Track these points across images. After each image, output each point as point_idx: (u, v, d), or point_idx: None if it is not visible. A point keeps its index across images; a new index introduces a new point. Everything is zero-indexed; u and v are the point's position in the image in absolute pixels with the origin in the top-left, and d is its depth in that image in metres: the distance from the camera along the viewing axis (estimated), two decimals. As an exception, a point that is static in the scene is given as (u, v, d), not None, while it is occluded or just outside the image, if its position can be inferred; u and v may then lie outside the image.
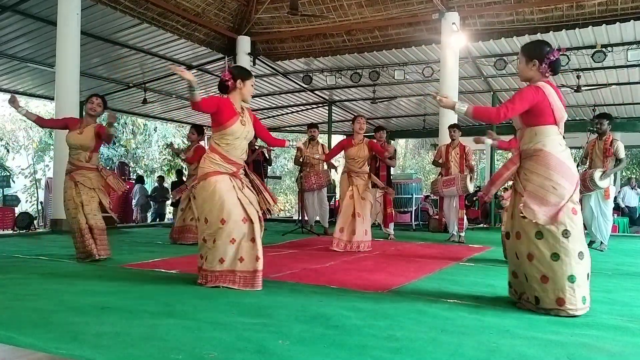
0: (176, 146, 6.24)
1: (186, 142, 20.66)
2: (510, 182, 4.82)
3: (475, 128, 15.83)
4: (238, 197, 3.74)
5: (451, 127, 7.77)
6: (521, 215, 3.06)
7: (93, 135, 5.09)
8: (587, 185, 6.57)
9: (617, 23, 9.39)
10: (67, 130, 5.13)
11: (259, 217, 3.83)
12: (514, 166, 3.23)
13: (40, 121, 5.25)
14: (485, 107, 3.05)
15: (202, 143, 7.42)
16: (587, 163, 6.94)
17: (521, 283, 3.21)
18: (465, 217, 7.89)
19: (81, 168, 5.09)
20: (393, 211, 8.35)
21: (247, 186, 3.89)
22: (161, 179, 15.93)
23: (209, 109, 3.83)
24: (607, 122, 6.73)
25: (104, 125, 5.11)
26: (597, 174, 6.48)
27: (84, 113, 5.33)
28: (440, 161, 7.79)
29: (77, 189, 5.05)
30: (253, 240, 3.72)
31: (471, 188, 7.54)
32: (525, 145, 3.20)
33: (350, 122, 6.59)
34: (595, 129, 6.81)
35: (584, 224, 7.42)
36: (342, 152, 6.48)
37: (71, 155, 5.13)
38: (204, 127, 7.93)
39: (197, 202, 3.89)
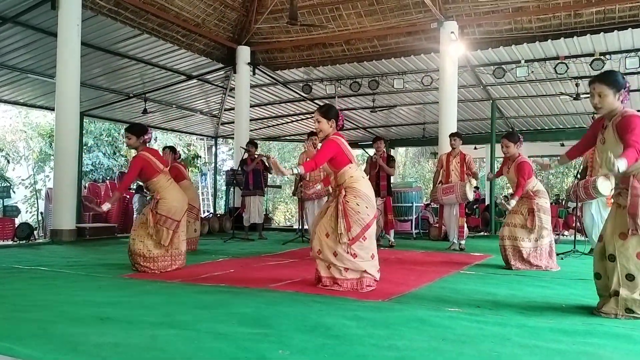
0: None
1: (185, 152, 20.76)
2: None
3: (475, 136, 15.89)
4: None
5: (452, 135, 7.78)
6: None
7: None
8: (589, 192, 6.57)
9: (615, 31, 9.44)
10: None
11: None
12: None
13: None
14: (631, 152, 3.00)
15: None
16: (589, 172, 6.94)
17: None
18: (465, 225, 7.88)
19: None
20: (393, 218, 8.38)
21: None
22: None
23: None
24: None
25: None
26: (599, 181, 6.46)
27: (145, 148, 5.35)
28: (441, 171, 7.76)
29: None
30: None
31: (471, 196, 7.53)
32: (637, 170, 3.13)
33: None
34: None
35: (583, 231, 7.41)
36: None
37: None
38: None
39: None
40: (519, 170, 5.49)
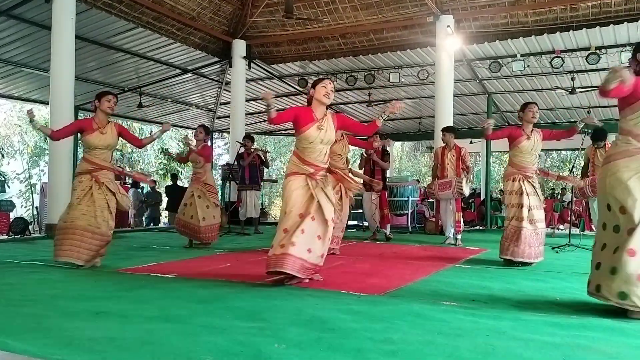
0: (173, 152, 6.37)
1: (181, 146, 20.70)
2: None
3: (471, 130, 15.90)
4: (314, 195, 4.01)
5: (443, 130, 7.76)
6: None
7: (116, 134, 5.07)
8: (596, 190, 6.62)
9: (611, 25, 9.44)
10: (83, 133, 4.96)
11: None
12: None
13: (55, 134, 5.14)
14: None
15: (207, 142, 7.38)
16: (590, 170, 6.99)
17: None
18: (462, 220, 7.90)
19: (104, 168, 4.98)
20: (389, 212, 8.41)
21: (323, 188, 4.12)
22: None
23: (288, 120, 4.19)
24: (602, 140, 6.90)
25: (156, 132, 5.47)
26: None
27: (96, 111, 5.09)
28: (438, 165, 7.75)
29: (99, 189, 4.91)
30: (319, 237, 3.95)
31: (467, 191, 7.54)
32: None
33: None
34: (594, 145, 6.94)
35: (590, 224, 7.47)
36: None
37: (92, 155, 4.95)
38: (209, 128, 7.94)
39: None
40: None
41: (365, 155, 8.08)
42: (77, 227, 4.82)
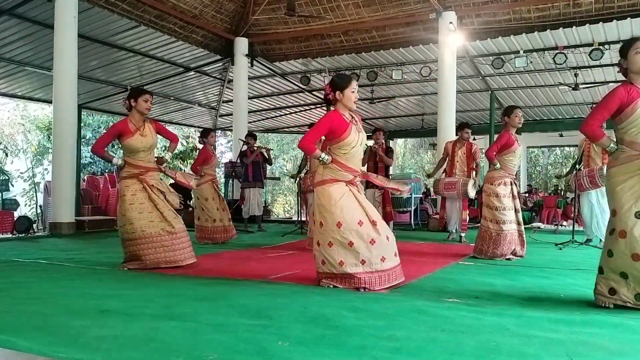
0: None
1: (184, 144, 20.75)
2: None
3: (474, 127, 15.85)
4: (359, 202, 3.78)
5: (464, 127, 7.63)
6: None
7: (155, 132, 4.82)
8: (595, 182, 6.58)
9: (614, 21, 9.40)
10: (121, 138, 4.68)
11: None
12: None
13: (95, 149, 4.82)
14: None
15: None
16: (584, 162, 6.93)
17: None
18: (467, 218, 7.89)
19: (150, 170, 4.76)
20: (392, 209, 8.38)
21: (361, 192, 3.94)
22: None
23: (322, 135, 3.92)
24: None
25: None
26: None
27: (133, 112, 4.75)
28: (447, 160, 7.69)
29: (152, 192, 4.69)
30: (372, 242, 3.72)
31: (472, 194, 7.40)
32: None
33: None
34: None
35: (581, 221, 7.46)
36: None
37: (136, 158, 4.71)
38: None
39: (315, 207, 3.87)
40: None
41: (370, 151, 8.03)
42: (152, 235, 4.65)
